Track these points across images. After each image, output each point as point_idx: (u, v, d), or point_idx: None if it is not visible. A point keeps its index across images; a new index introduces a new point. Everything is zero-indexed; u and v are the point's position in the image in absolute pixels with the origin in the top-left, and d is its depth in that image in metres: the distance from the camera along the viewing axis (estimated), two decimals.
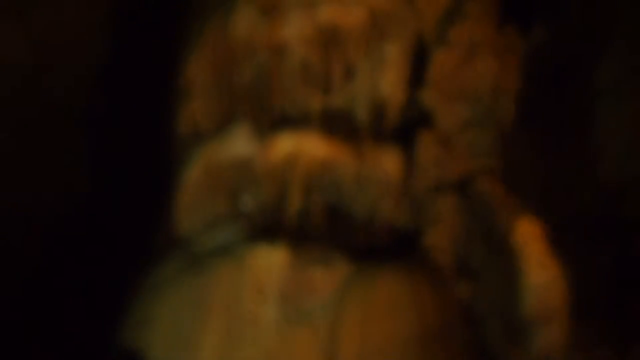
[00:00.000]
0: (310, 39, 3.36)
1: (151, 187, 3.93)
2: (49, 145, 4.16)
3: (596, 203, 4.05)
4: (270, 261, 3.18)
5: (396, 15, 3.44)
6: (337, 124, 3.50)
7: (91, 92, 4.28)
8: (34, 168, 4.11)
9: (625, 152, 4.03)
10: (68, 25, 4.07)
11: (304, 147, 3.29)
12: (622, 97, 4.10)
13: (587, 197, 4.03)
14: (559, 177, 4.02)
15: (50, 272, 4.07)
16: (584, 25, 4.21)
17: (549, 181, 3.99)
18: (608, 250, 3.96)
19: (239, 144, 3.37)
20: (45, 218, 4.12)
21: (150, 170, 4.06)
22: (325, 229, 3.47)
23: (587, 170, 4.07)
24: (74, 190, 4.25)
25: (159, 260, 3.44)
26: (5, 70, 3.86)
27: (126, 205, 4.14)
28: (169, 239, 3.55)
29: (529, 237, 2.95)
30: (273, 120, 3.43)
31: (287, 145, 3.29)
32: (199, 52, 3.47)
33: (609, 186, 4.04)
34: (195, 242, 3.40)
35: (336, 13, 3.37)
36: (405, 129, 3.57)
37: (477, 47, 3.40)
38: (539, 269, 2.87)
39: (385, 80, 3.47)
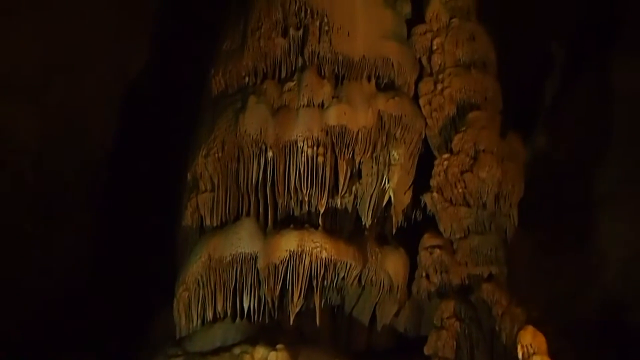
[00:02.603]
0: (318, 140, 3.41)
1: (152, 276, 3.91)
2: (53, 222, 4.17)
3: (600, 309, 4.03)
4: None
5: (403, 120, 3.51)
6: (342, 224, 3.51)
7: (97, 174, 4.32)
8: (40, 241, 4.10)
9: (629, 258, 4.04)
10: (78, 108, 4.16)
11: (308, 246, 3.27)
12: (623, 203, 4.15)
13: (591, 303, 4.02)
14: (562, 282, 4.02)
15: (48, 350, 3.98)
16: (583, 132, 4.31)
17: (553, 287, 3.98)
18: (611, 355, 3.91)
19: (243, 240, 3.35)
20: (46, 293, 4.09)
21: (152, 259, 4.05)
22: (327, 330, 3.43)
23: (590, 276, 4.07)
24: (77, 268, 4.23)
25: (155, 354, 3.37)
26: (16, 150, 3.92)
27: (126, 290, 4.10)
28: (167, 333, 3.49)
29: (532, 347, 2.90)
30: (278, 219, 3.43)
31: (291, 244, 3.27)
32: (209, 147, 3.51)
33: (612, 292, 4.03)
34: (193, 339, 3.34)
35: (345, 115, 3.43)
36: (410, 231, 3.59)
37: (481, 154, 3.45)
38: None
39: (391, 182, 3.51)
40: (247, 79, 3.61)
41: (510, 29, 4.21)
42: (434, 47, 3.65)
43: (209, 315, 3.34)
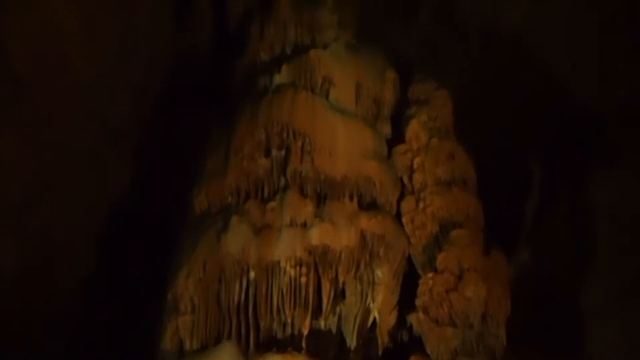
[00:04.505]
0: (301, 260, 3.37)
1: None
2: (24, 348, 4.03)
3: None
4: None
5: (386, 239, 3.50)
6: (326, 346, 3.42)
7: (76, 299, 4.22)
8: None
9: None
10: (59, 233, 4.11)
11: None
12: (611, 319, 4.10)
13: None
14: None
15: None
16: (566, 247, 4.32)
17: None
18: None
19: None
20: None
21: None
22: None
23: None
24: None
25: None
26: None
27: None
28: None
29: None
30: (260, 341, 3.34)
31: None
32: (190, 267, 3.46)
33: None
34: None
35: (327, 235, 3.42)
36: (396, 353, 3.50)
37: (465, 272, 3.43)
38: None
39: (376, 302, 3.46)
40: (229, 198, 3.61)
41: (489, 146, 4.31)
42: (415, 166, 3.71)
43: None
